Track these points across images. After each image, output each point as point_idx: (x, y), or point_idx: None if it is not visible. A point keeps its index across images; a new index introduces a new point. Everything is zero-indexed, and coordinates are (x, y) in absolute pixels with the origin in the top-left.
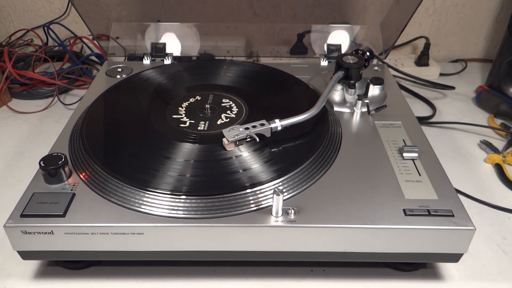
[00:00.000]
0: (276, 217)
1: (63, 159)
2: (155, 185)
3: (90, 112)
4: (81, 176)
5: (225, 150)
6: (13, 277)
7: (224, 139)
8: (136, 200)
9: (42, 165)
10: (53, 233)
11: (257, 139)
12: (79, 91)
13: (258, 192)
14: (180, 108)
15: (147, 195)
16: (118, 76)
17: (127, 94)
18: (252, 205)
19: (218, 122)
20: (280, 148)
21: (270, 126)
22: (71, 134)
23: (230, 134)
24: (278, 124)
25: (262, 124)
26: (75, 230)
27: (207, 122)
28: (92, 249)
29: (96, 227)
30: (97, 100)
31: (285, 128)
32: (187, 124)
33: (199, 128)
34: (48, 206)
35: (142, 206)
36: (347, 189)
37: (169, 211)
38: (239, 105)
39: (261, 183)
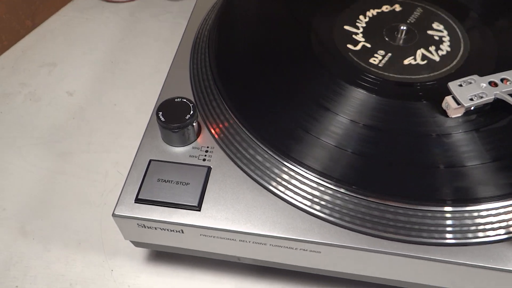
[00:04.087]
0: None
1: (191, 112)
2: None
3: (218, 26)
4: (214, 133)
5: (447, 116)
6: (120, 256)
7: (449, 99)
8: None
9: (162, 119)
10: (183, 232)
11: None
12: None
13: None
14: (359, 19)
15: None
16: None
17: None
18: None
19: (406, 62)
20: None
21: None
22: (191, 61)
23: (465, 93)
24: None
25: None
26: (216, 233)
27: (389, 54)
28: (235, 254)
29: (249, 235)
30: (227, 3)
31: None
32: (359, 47)
33: (371, 60)
34: (175, 189)
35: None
36: None
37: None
38: (455, 36)
39: (482, 200)
